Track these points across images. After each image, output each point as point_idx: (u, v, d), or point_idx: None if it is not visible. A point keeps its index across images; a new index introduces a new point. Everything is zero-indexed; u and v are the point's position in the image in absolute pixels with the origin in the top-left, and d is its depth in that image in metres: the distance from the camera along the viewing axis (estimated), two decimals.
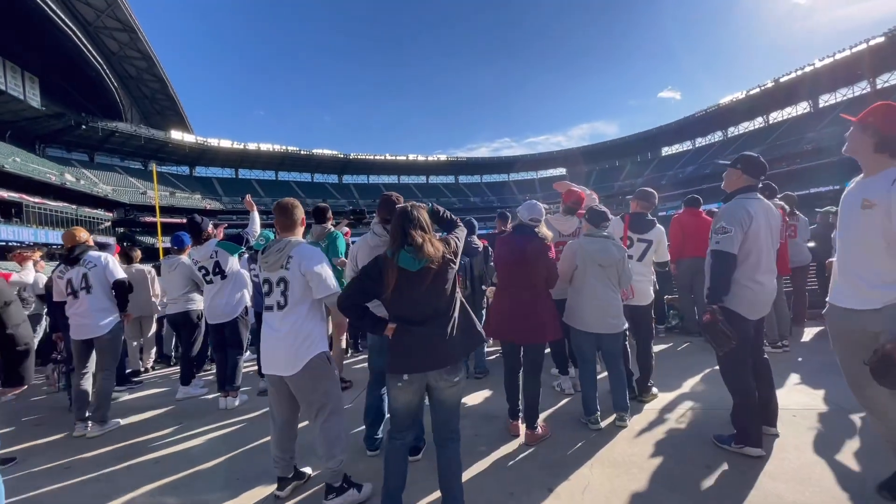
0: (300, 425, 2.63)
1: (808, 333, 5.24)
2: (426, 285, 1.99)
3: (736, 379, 2.66)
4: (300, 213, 2.59)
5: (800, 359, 4.37)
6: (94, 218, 41.82)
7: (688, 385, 3.86)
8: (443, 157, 74.63)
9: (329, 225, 4.32)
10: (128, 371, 5.14)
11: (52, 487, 2.76)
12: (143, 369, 5.68)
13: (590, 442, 2.92)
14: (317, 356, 2.36)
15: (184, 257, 4.60)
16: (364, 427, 2.97)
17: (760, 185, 2.81)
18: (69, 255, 3.64)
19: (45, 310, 5.69)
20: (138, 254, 5.65)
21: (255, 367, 4.44)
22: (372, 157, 70.13)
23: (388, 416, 2.82)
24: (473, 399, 3.89)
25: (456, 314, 2.10)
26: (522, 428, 3.05)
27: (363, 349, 5.76)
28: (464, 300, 2.23)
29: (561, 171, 76.79)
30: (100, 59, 41.15)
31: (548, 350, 3.75)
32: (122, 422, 3.79)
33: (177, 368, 5.54)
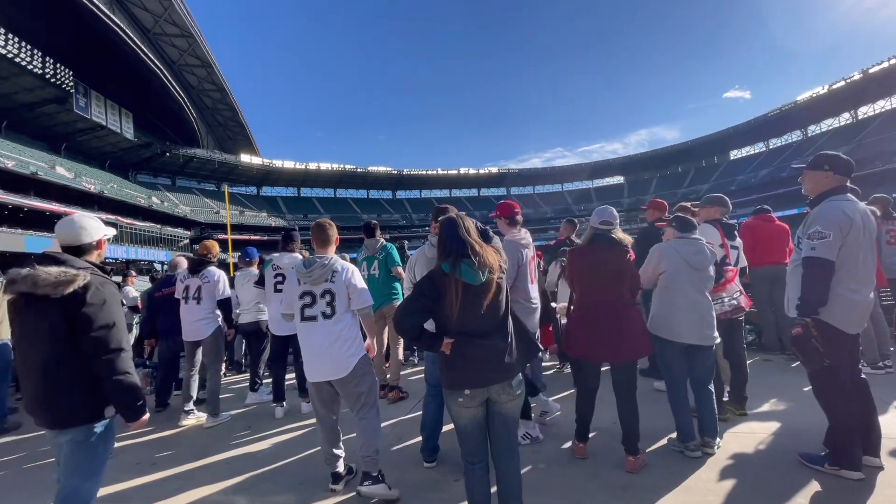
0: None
1: None
2: (490, 297, 1.91)
3: (832, 399, 2.39)
4: (335, 232, 2.93)
5: None
6: (174, 236, 45.92)
7: (772, 406, 3.50)
8: (494, 170, 74.77)
9: (381, 238, 4.45)
10: None
11: (139, 481, 3.00)
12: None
13: (660, 465, 2.72)
14: (361, 358, 2.64)
15: (254, 269, 4.89)
16: (420, 439, 2.96)
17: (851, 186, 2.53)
18: (196, 266, 4.19)
19: (135, 320, 6.30)
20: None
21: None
22: (424, 172, 71.69)
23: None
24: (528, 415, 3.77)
25: (510, 325, 2.05)
26: (583, 448, 2.86)
27: (418, 361, 5.79)
28: (514, 311, 2.16)
29: (618, 179, 74.12)
30: (181, 93, 45.78)
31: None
32: (192, 423, 4.09)
33: (246, 375, 5.87)
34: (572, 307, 3.05)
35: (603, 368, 2.88)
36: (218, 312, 4.19)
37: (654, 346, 2.88)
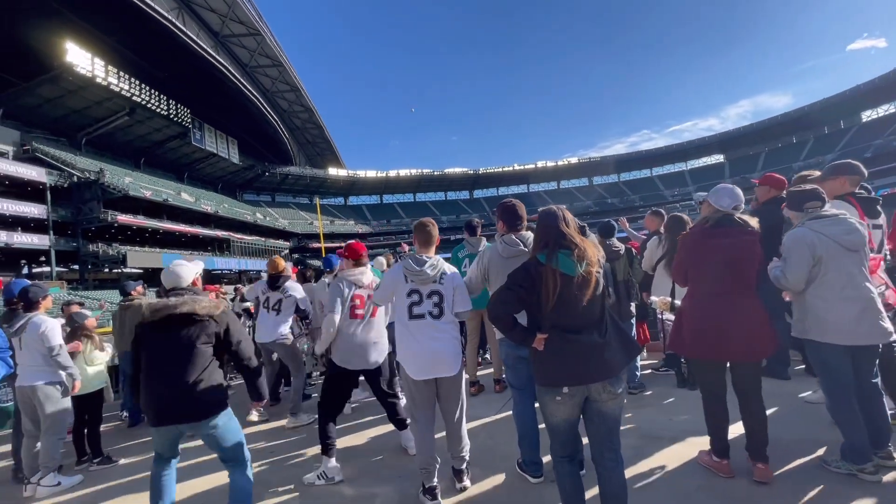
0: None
1: None
2: (590, 292, 1.85)
3: None
4: (436, 231, 2.83)
5: None
6: (276, 248, 50.65)
7: None
8: (573, 160, 71.89)
9: (483, 238, 4.44)
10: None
11: (262, 468, 3.29)
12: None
13: (791, 478, 2.36)
14: (462, 359, 2.66)
15: (327, 278, 5.19)
16: (520, 453, 2.78)
17: None
18: (274, 283, 4.54)
19: (248, 323, 7.00)
20: (312, 273, 6.62)
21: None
22: (500, 170, 71.14)
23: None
24: (630, 419, 3.51)
25: (608, 322, 1.94)
26: (727, 465, 2.46)
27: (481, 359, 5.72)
28: (609, 307, 2.03)
29: (717, 158, 66.67)
30: (275, 117, 50.65)
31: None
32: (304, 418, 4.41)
33: None
34: (686, 300, 2.65)
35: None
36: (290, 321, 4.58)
37: (807, 351, 2.50)
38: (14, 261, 29.01)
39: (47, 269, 28.13)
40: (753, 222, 2.46)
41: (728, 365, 2.50)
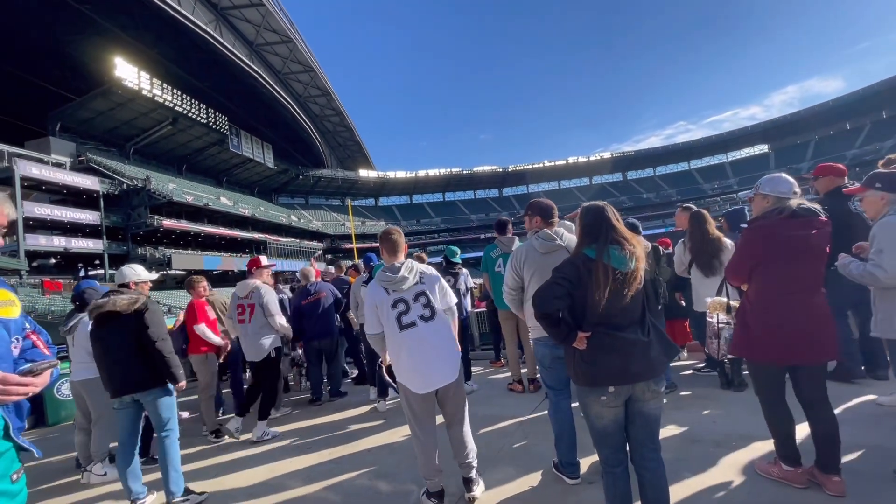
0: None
1: None
2: (634, 287, 1.83)
3: None
4: (403, 239, 2.68)
5: None
6: (310, 249, 51.98)
7: None
8: (606, 155, 70.05)
9: (515, 236, 4.40)
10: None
11: (299, 464, 3.42)
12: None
13: (858, 491, 2.21)
14: (459, 359, 2.56)
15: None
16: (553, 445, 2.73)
17: None
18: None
19: None
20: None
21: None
22: (530, 167, 70.26)
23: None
24: (668, 420, 3.38)
25: (648, 320, 1.90)
26: (801, 474, 2.25)
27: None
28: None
29: (761, 148, 63.29)
30: (308, 122, 52.02)
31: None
32: (337, 417, 4.51)
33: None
34: (752, 300, 2.38)
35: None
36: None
37: (892, 354, 2.31)
38: (72, 264, 31.09)
39: (101, 271, 29.98)
40: (818, 209, 2.25)
41: (787, 371, 2.31)
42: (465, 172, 69.24)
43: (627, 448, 1.96)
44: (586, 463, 2.68)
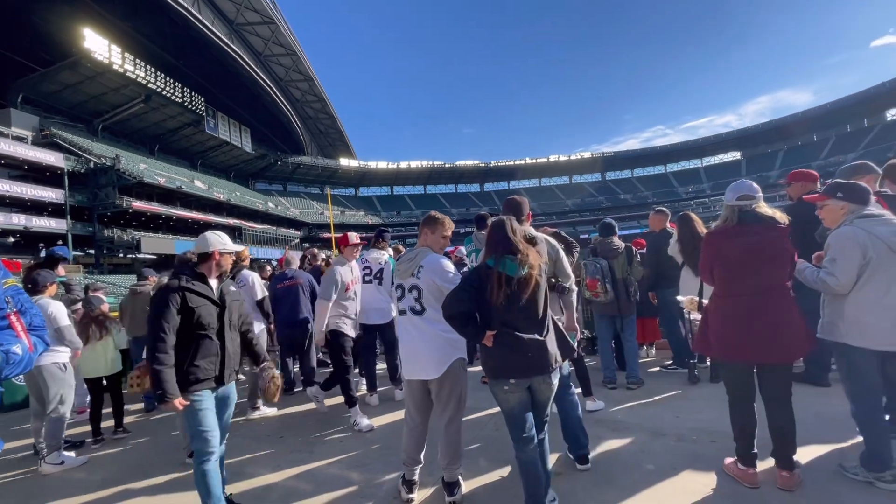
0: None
1: None
2: (529, 291, 2.07)
3: None
4: (435, 224, 2.60)
5: None
6: (287, 237, 51.06)
7: None
8: (586, 155, 71.05)
9: None
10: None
11: (268, 451, 3.39)
12: None
13: (806, 485, 2.34)
14: (458, 359, 2.47)
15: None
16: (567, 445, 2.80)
17: None
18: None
19: None
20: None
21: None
22: (512, 163, 70.64)
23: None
24: (634, 414, 3.52)
25: (549, 322, 2.17)
26: (754, 474, 2.38)
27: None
28: (553, 314, 2.25)
29: (734, 155, 65.34)
30: (288, 107, 50.85)
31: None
32: (309, 407, 4.46)
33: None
34: (712, 300, 2.56)
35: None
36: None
37: (835, 354, 2.42)
38: (32, 244, 29.65)
39: None
40: (781, 217, 2.36)
41: (755, 369, 2.42)
42: (447, 166, 69.02)
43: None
44: (553, 458, 2.75)
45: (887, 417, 2.39)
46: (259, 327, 4.34)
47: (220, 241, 2.55)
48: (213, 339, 2.43)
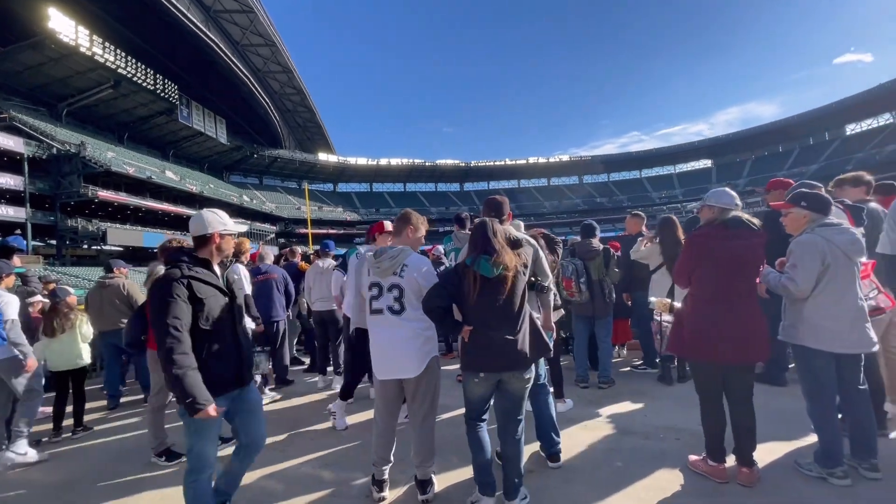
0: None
1: None
2: (505, 291, 2.17)
3: None
4: (413, 222, 2.65)
5: None
6: (262, 231, 49.97)
7: None
8: (564, 158, 72.09)
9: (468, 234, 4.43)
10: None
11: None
12: None
13: (764, 480, 2.46)
14: (434, 357, 2.52)
15: (329, 260, 5.15)
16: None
17: None
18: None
19: None
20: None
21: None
22: (491, 164, 71.09)
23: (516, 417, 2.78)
24: (605, 413, 3.61)
25: (526, 322, 2.26)
26: (723, 470, 2.48)
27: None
28: (532, 314, 2.35)
29: (705, 163, 67.59)
30: (266, 98, 49.61)
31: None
32: (282, 406, 4.41)
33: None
34: (689, 302, 2.62)
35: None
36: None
37: (794, 355, 2.55)
38: None
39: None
40: (758, 222, 2.49)
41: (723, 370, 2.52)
42: (427, 164, 68.87)
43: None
44: (528, 450, 2.79)
45: (840, 416, 2.52)
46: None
47: (219, 221, 2.19)
48: (226, 335, 2.11)
